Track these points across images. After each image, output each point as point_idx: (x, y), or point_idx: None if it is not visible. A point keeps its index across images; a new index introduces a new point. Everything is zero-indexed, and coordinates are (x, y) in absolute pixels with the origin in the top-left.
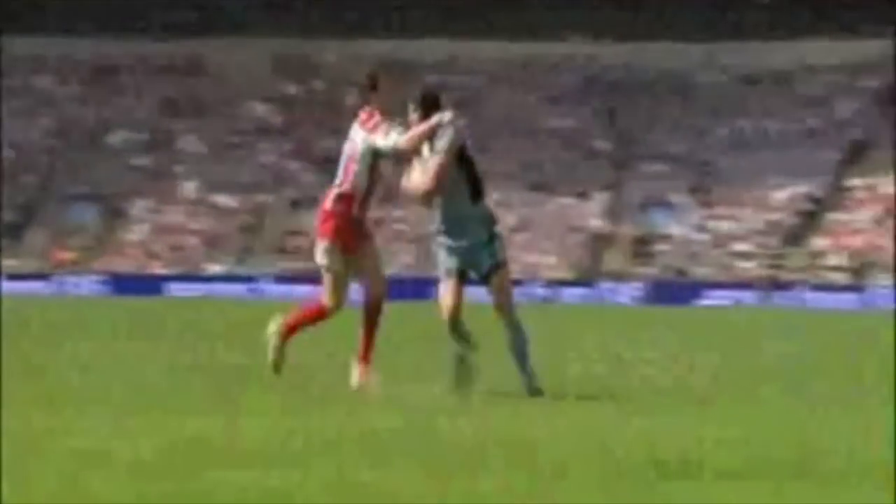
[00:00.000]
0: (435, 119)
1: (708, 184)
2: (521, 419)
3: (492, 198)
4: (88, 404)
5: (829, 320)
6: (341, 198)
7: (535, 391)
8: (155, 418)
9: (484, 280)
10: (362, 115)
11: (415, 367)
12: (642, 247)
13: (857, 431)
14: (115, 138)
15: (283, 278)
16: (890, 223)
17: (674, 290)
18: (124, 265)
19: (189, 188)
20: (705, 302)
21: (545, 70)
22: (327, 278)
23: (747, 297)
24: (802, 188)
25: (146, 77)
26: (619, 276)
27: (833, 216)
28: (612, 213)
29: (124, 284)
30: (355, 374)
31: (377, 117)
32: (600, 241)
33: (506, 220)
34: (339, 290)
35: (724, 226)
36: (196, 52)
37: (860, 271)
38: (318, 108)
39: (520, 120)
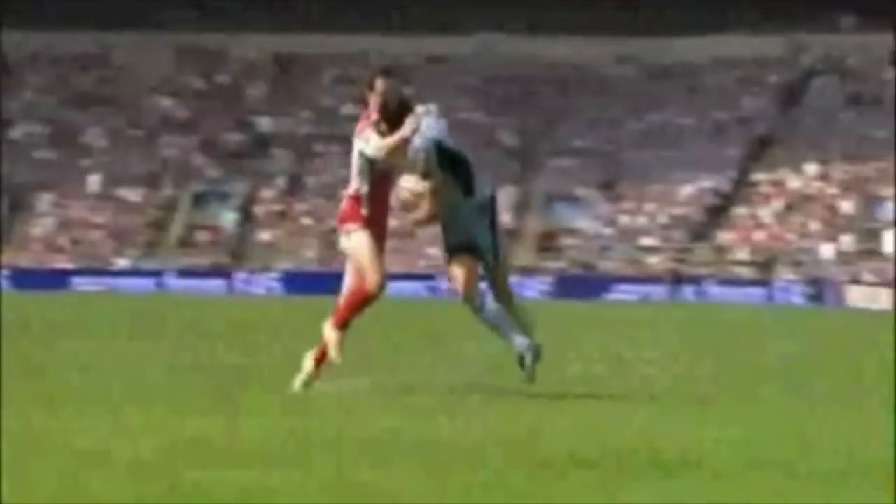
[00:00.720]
0: (407, 129)
1: (615, 178)
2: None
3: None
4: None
5: (735, 314)
6: (350, 201)
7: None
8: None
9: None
10: (362, 116)
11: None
12: (549, 241)
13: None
14: (17, 132)
15: (186, 273)
16: (794, 218)
17: (581, 285)
18: (27, 260)
19: (94, 182)
20: (613, 296)
21: (453, 64)
22: (357, 259)
23: (655, 291)
24: (708, 183)
25: (50, 70)
26: (526, 271)
27: (738, 211)
28: (520, 208)
29: (27, 279)
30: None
31: (367, 120)
32: (507, 236)
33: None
34: (375, 264)
35: (632, 220)
36: (101, 46)
37: (765, 266)
38: (222, 102)
39: None
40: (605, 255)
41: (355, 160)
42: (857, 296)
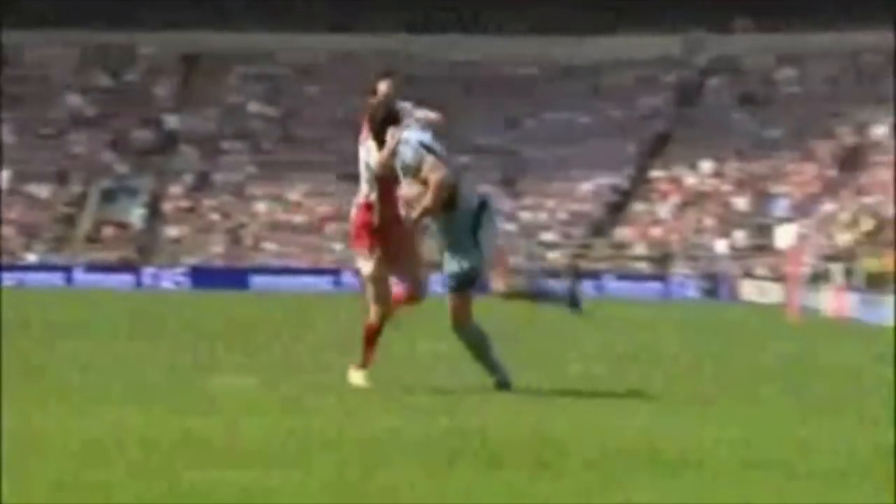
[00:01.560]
0: (391, 141)
1: (516, 175)
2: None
3: (303, 188)
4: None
5: (633, 308)
6: (361, 209)
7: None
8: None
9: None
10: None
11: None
12: None
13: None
14: None
15: (94, 267)
16: (690, 214)
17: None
18: None
19: (3, 178)
20: None
21: (358, 62)
22: (368, 287)
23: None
24: (607, 180)
25: None
26: (431, 265)
27: (636, 207)
28: None
29: None
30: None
31: (366, 127)
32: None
33: (319, 210)
34: (383, 295)
35: (533, 216)
36: (10, 44)
37: (662, 261)
38: (131, 100)
39: (332, 112)
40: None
41: (362, 169)
42: (749, 290)
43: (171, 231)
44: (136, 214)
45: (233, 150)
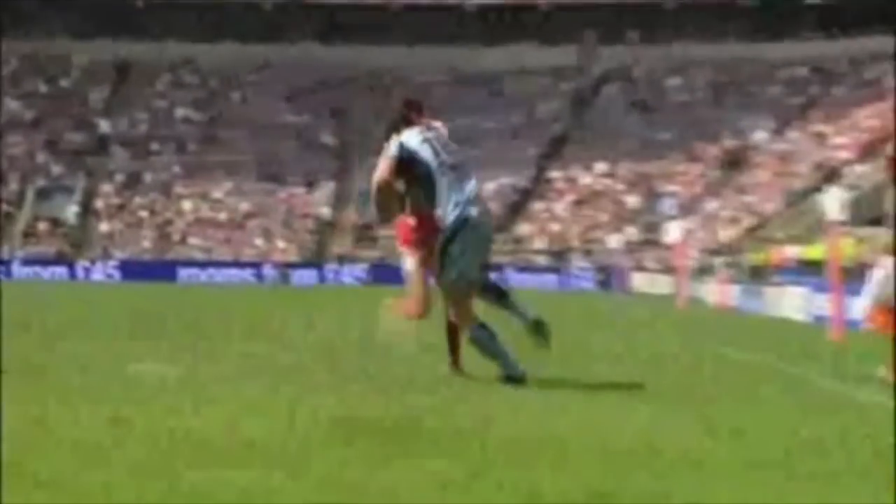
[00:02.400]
0: (390, 150)
1: None
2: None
3: (227, 187)
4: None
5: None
6: (402, 221)
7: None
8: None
9: None
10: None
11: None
12: (365, 232)
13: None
14: None
15: (31, 261)
16: (586, 211)
17: (394, 272)
18: None
19: None
20: None
21: (279, 71)
22: (409, 284)
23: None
24: (509, 180)
25: None
26: (343, 259)
27: (536, 205)
28: (338, 202)
29: None
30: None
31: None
32: (327, 227)
33: (241, 208)
34: (420, 296)
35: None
36: None
37: (560, 254)
38: (66, 105)
39: (256, 116)
40: None
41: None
42: (640, 281)
43: (104, 227)
44: (70, 211)
45: (161, 152)
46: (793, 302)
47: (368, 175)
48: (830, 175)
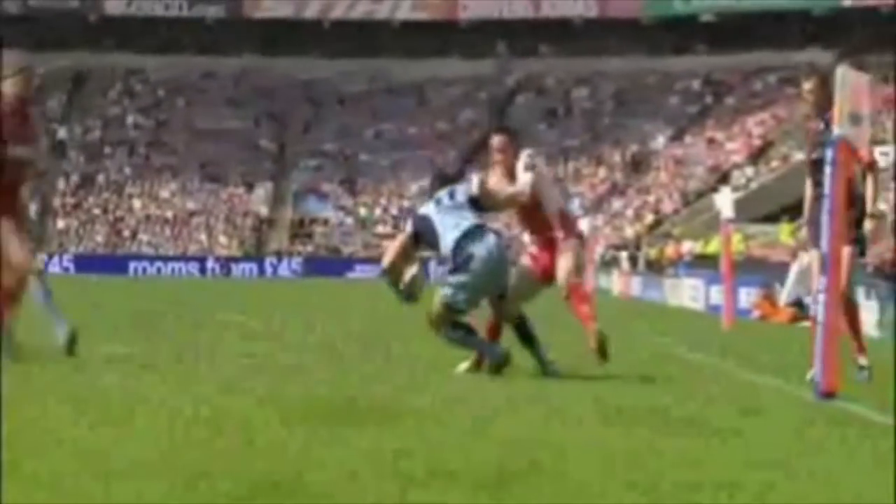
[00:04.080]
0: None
1: (355, 176)
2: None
3: (173, 187)
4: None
5: None
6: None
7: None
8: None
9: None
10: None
11: (113, 330)
12: (301, 229)
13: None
14: None
15: None
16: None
17: (327, 265)
18: None
19: None
20: (353, 275)
21: (223, 80)
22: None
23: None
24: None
25: None
26: (281, 254)
27: None
28: (276, 201)
29: None
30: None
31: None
32: (265, 224)
33: (186, 206)
34: (514, 300)
35: (369, 212)
36: None
37: None
38: None
39: (200, 122)
40: (346, 240)
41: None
42: None
43: (60, 223)
44: (30, 210)
45: (113, 155)
46: (689, 292)
47: (304, 175)
48: (723, 177)
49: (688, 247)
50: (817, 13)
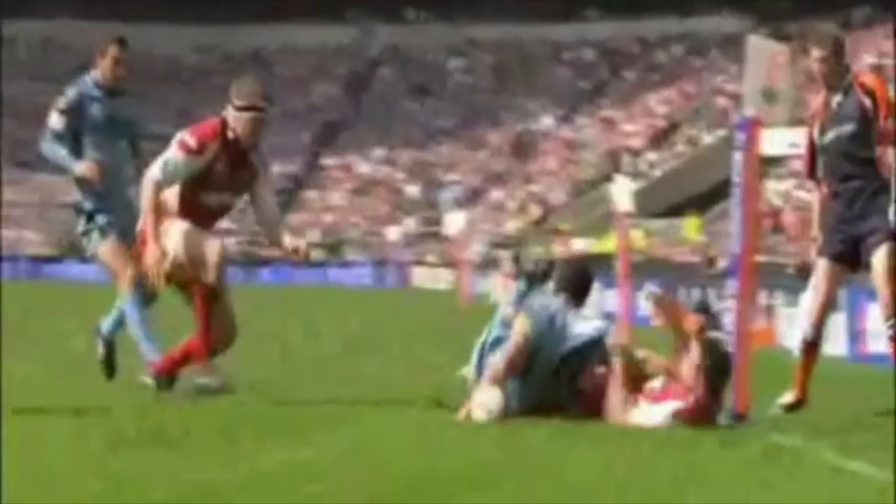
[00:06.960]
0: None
1: None
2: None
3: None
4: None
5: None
6: None
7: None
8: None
9: None
10: None
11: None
12: None
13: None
14: None
15: None
16: (362, 201)
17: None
18: None
19: None
20: None
21: (30, 47)
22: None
23: (232, 273)
24: (280, 168)
25: None
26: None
27: (309, 194)
28: None
29: None
30: None
31: None
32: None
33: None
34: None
35: None
36: None
37: (335, 247)
38: None
39: None
40: None
41: None
42: (421, 276)
43: None
44: None
45: None
46: None
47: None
48: (620, 164)
49: (579, 245)
50: None
